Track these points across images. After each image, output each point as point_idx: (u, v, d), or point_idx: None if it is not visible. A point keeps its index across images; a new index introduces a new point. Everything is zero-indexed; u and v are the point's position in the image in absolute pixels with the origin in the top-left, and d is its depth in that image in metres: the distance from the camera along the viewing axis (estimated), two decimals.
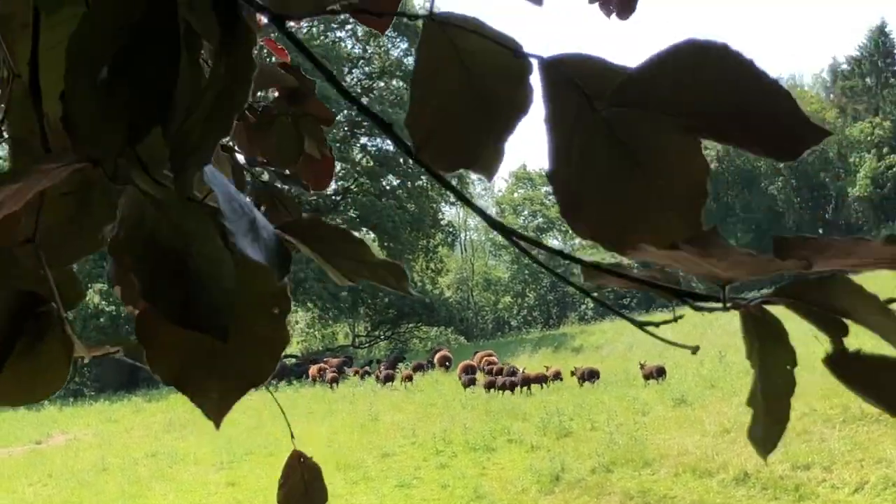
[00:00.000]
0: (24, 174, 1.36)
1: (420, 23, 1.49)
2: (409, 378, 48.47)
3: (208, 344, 1.41)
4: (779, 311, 1.38)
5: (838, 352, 1.29)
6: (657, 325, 1.57)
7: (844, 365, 1.29)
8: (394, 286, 1.62)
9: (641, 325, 1.58)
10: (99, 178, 1.48)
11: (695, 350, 1.54)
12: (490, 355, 52.06)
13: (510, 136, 1.52)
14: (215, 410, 1.48)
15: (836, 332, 1.30)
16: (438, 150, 1.46)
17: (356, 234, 1.57)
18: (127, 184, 1.40)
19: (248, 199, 1.44)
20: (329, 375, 52.23)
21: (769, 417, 1.40)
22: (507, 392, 40.47)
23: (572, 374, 41.08)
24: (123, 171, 1.39)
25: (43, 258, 1.64)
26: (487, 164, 1.53)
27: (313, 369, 55.40)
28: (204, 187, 1.39)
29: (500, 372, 44.31)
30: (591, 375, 40.34)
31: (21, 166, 1.65)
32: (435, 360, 55.57)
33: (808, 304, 1.31)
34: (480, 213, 1.57)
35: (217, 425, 1.50)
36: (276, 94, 3.40)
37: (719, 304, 1.41)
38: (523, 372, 42.49)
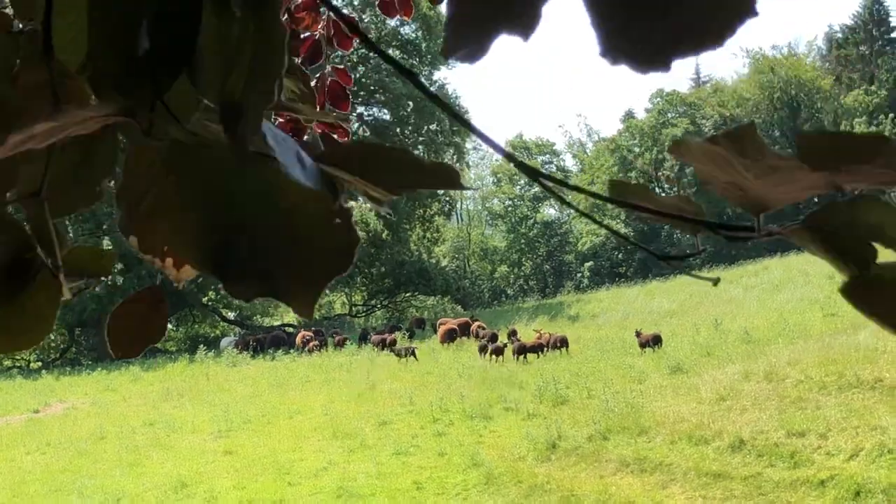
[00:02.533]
0: (53, 116, 1.36)
1: None
2: (394, 343, 49.95)
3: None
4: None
5: (859, 278, 1.27)
6: (681, 258, 1.58)
7: (864, 291, 1.27)
8: (449, 187, 1.61)
9: (664, 258, 1.58)
10: (103, 131, 1.48)
11: (716, 282, 1.52)
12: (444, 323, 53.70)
13: None
14: (302, 306, 1.49)
15: (864, 258, 1.27)
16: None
17: (392, 145, 1.56)
18: (162, 139, 1.40)
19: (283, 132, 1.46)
20: (310, 345, 53.99)
21: None
22: (500, 358, 40.73)
23: (539, 339, 41.82)
24: (158, 125, 1.39)
25: (47, 210, 1.62)
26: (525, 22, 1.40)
27: (298, 338, 56.26)
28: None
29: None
30: (561, 343, 41.00)
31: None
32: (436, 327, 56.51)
33: (836, 231, 1.29)
34: (494, 145, 1.54)
35: (310, 316, 1.51)
36: None
37: (753, 234, 1.40)
38: (518, 339, 42.74)
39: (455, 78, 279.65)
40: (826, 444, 21.60)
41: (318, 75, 3.64)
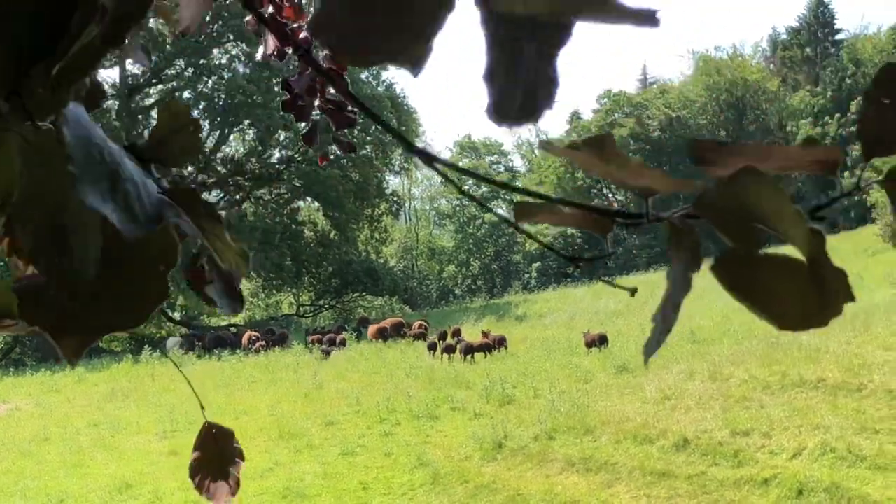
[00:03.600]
0: None
1: None
2: (334, 342, 51.14)
3: (81, 294, 1.36)
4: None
5: (730, 253, 1.25)
6: (590, 260, 1.61)
7: (734, 267, 1.24)
8: (242, 268, 1.58)
9: (573, 260, 1.61)
10: None
11: (633, 292, 1.54)
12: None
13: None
14: (72, 350, 1.43)
15: (748, 238, 1.27)
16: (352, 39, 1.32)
17: (222, 213, 1.51)
18: (6, 129, 1.34)
19: (119, 150, 1.38)
20: (256, 345, 54.32)
21: (663, 324, 1.39)
22: (451, 357, 40.92)
23: (485, 336, 42.21)
24: (4, 116, 1.33)
25: None
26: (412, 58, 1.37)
27: (245, 338, 56.38)
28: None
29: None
30: (500, 343, 41.42)
31: None
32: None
33: (723, 211, 1.28)
34: (398, 135, 1.52)
35: (73, 365, 1.45)
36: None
37: (643, 219, 1.41)
38: (462, 339, 42.98)
39: (403, 78, 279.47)
40: (769, 442, 21.80)
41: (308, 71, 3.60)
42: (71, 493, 26.00)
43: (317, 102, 3.86)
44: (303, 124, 3.88)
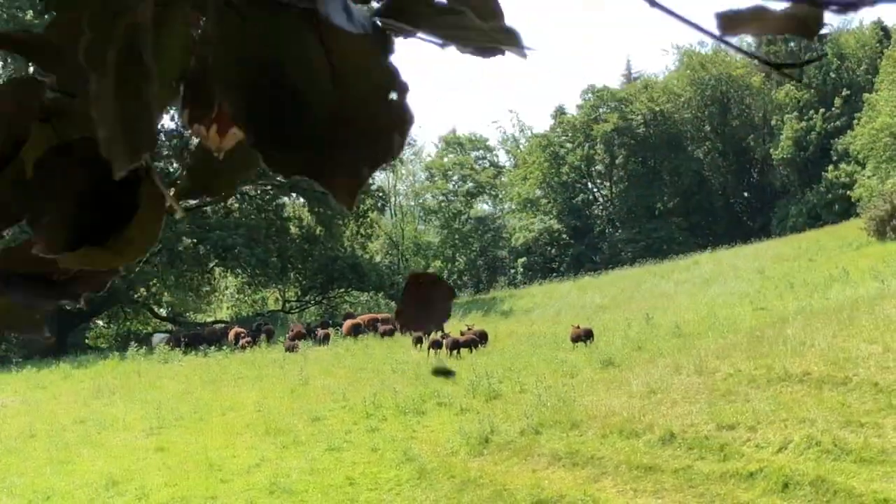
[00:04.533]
0: None
1: None
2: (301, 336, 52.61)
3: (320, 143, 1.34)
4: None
5: None
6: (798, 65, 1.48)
7: None
8: (513, 50, 1.51)
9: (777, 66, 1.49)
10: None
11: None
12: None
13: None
14: (346, 194, 1.40)
15: None
16: None
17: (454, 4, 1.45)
18: None
19: None
20: (242, 341, 54.48)
21: None
22: (438, 352, 40.95)
23: (462, 333, 42.16)
24: None
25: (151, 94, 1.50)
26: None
27: (231, 334, 56.37)
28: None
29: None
30: (482, 337, 41.42)
31: None
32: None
33: None
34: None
35: (350, 207, 1.40)
36: None
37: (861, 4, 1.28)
38: (448, 334, 43.08)
39: None
40: (755, 436, 21.85)
41: None
42: (57, 490, 25.95)
43: None
44: None
